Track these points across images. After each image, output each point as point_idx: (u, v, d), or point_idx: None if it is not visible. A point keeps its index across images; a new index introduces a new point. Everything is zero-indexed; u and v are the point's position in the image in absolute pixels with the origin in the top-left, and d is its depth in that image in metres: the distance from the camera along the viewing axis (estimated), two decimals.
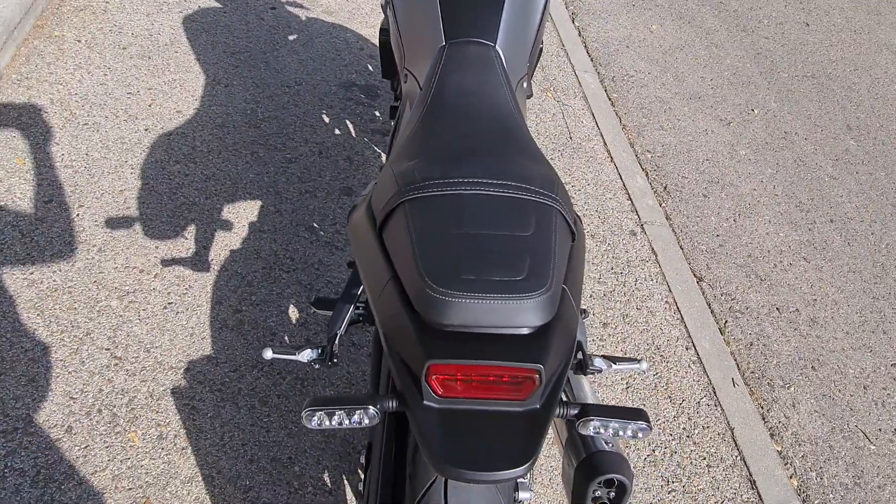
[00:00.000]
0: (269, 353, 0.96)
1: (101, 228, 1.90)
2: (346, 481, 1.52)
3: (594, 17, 3.67)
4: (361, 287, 1.08)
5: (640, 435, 0.79)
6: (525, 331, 0.73)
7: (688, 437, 1.80)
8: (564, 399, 0.91)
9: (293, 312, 1.83)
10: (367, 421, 0.75)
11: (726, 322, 2.20)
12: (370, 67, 2.74)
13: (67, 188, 1.98)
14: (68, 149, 2.09)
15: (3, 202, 1.89)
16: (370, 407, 0.74)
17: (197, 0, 2.84)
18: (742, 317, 2.23)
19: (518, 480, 0.99)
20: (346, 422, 0.75)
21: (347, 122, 2.47)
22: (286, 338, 1.76)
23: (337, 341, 1.04)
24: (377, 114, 2.54)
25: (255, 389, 1.64)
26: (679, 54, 3.52)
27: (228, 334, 1.74)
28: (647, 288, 2.19)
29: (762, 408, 1.98)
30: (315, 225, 2.07)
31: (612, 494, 0.88)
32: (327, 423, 0.75)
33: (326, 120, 2.46)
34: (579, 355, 1.08)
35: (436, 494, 0.84)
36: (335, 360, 1.00)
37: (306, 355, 0.99)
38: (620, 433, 0.79)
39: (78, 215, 1.91)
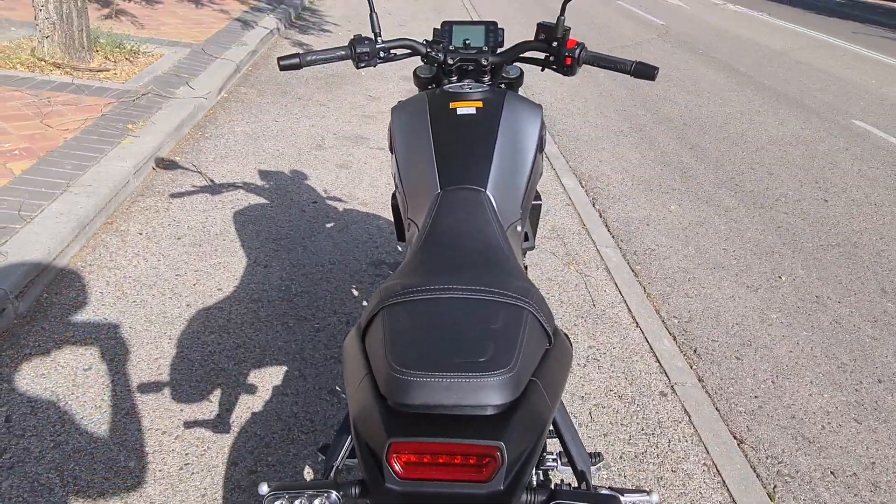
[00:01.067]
0: (264, 488, 0.95)
1: (132, 393, 1.98)
2: None
3: (613, 200, 3.91)
4: None
5: None
6: (488, 410, 0.74)
7: None
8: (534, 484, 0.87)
9: (308, 472, 1.79)
10: None
11: (775, 487, 2.02)
12: (399, 248, 2.95)
13: (107, 357, 2.10)
14: (115, 323, 2.25)
15: (46, 370, 2.02)
16: (332, 492, 0.73)
17: (248, 198, 3.20)
18: (793, 481, 2.04)
19: None
20: None
21: None
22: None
23: (333, 472, 1.03)
24: None
25: None
26: (699, 229, 3.66)
27: (240, 495, 1.70)
28: (682, 449, 2.07)
29: None
30: (337, 388, 2.10)
31: None
32: None
33: (356, 293, 2.60)
34: (583, 485, 1.03)
35: None
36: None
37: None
38: None
39: (112, 381, 2.01)
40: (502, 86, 1.71)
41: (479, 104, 1.49)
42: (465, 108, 1.47)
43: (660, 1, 13.75)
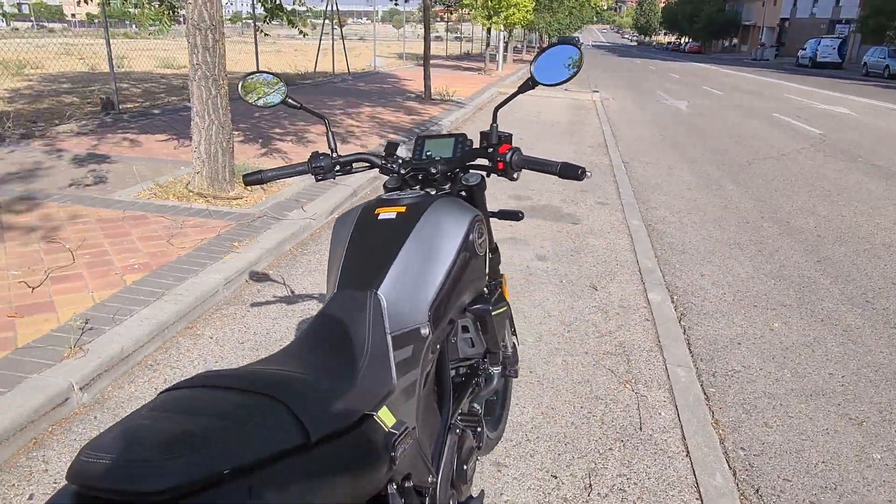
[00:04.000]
0: None
1: None
2: None
3: (704, 316, 3.57)
4: None
5: None
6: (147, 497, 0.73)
7: None
8: None
9: None
10: None
11: None
12: None
13: None
14: None
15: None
16: None
17: (318, 307, 3.41)
18: None
19: None
20: None
21: None
22: None
23: None
24: None
25: None
26: (803, 351, 3.19)
27: None
28: None
29: None
30: None
31: None
32: None
33: None
34: None
35: None
36: None
37: None
38: None
39: None
40: (462, 192, 1.73)
41: (403, 209, 1.52)
42: (387, 214, 1.51)
43: (821, 109, 12.92)
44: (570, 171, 1.49)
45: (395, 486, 1.18)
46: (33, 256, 3.66)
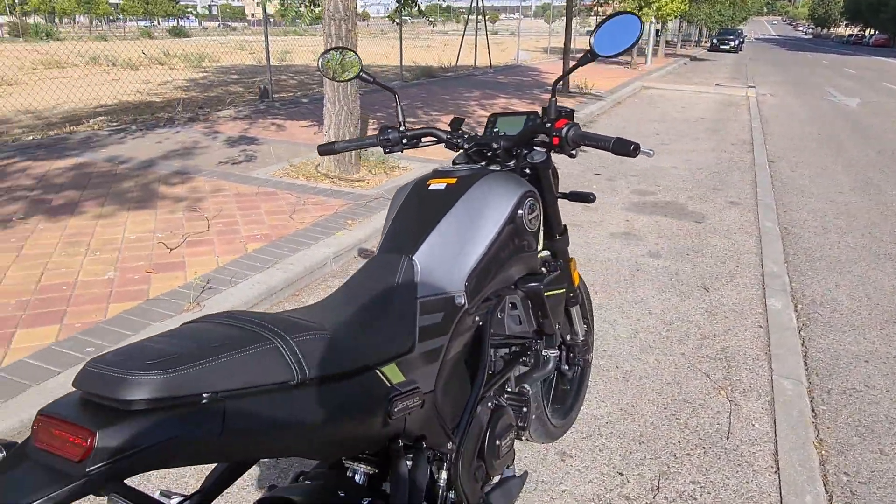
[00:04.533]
0: None
1: None
2: None
3: (831, 329, 3.23)
4: None
5: None
6: (129, 405, 0.81)
7: None
8: None
9: None
10: None
11: None
12: None
13: None
14: None
15: None
16: None
17: None
18: None
19: None
20: None
21: None
22: None
23: None
24: None
25: None
26: None
27: None
28: None
29: None
30: None
31: None
32: None
33: None
34: None
35: None
36: None
37: None
38: None
39: None
40: (527, 170, 1.71)
41: (454, 181, 1.54)
42: (438, 185, 1.54)
43: None
44: (623, 147, 1.43)
45: (400, 444, 1.20)
46: (176, 222, 4.11)
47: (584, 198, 1.89)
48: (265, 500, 1.14)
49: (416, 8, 7.41)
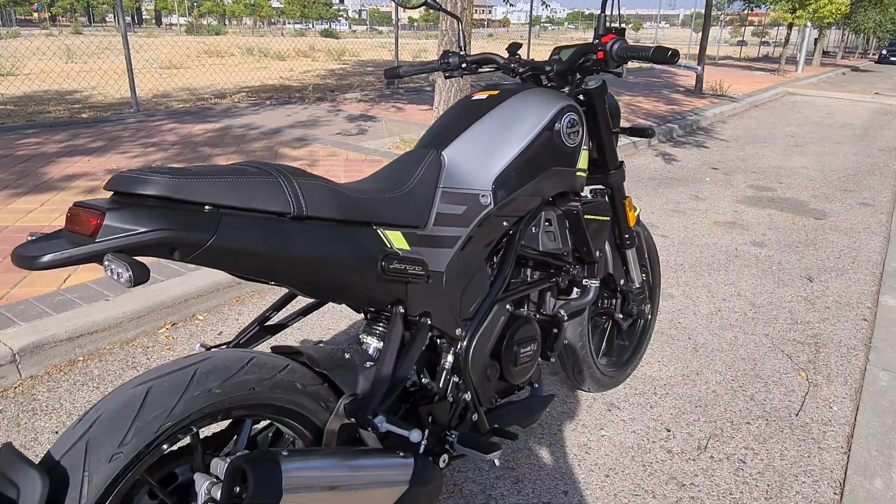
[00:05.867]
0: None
1: None
2: None
3: None
4: None
5: None
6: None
7: None
8: None
9: None
10: None
11: None
12: None
13: None
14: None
15: None
16: None
17: None
18: None
19: None
20: None
21: None
22: None
23: None
24: None
25: None
26: None
27: None
28: None
29: None
30: None
31: None
32: None
33: None
34: None
35: None
36: None
37: None
38: None
39: None
40: (581, 97, 1.71)
41: (496, 92, 1.58)
42: (481, 95, 1.58)
43: None
44: (661, 54, 1.41)
45: (401, 310, 1.27)
46: None
47: (643, 132, 1.86)
48: (278, 348, 1.25)
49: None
